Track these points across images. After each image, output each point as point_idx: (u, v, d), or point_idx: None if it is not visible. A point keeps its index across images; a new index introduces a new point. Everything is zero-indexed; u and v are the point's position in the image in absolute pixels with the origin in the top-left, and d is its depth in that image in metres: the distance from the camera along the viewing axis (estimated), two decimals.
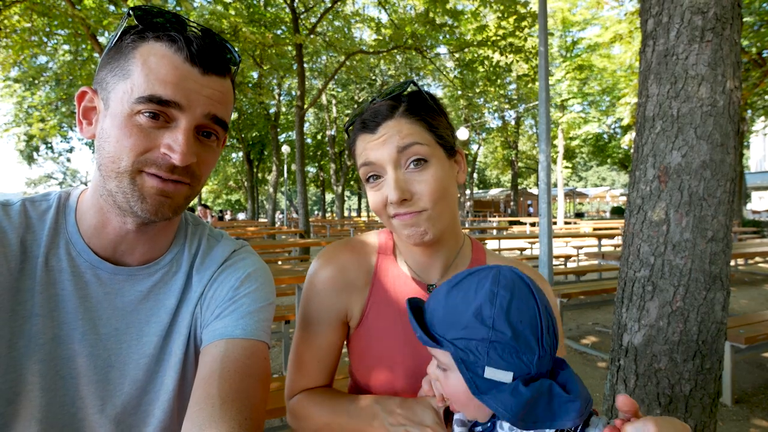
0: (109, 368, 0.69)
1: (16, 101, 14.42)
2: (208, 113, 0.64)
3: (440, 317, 0.60)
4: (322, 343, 0.83)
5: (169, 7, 9.85)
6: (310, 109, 17.14)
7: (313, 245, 8.30)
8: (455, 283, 0.61)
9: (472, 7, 11.55)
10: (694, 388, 1.66)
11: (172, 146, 0.61)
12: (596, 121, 19.35)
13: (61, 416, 0.66)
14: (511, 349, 0.55)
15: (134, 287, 0.71)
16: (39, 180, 44.36)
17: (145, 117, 0.60)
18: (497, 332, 0.54)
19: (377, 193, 0.75)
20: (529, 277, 0.61)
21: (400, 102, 0.75)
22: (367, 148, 0.75)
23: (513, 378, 0.55)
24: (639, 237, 1.78)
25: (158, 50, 0.61)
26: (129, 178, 0.62)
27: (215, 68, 0.64)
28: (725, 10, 1.60)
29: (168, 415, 0.72)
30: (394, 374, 0.79)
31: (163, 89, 0.60)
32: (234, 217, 30.97)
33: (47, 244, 0.67)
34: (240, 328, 0.69)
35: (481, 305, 0.56)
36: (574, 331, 4.58)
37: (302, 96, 10.71)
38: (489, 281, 0.58)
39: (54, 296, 0.66)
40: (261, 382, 0.66)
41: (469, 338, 0.55)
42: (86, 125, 0.66)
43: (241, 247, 0.82)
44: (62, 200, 0.71)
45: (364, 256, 0.86)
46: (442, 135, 0.76)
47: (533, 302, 0.58)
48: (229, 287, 0.74)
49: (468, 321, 0.56)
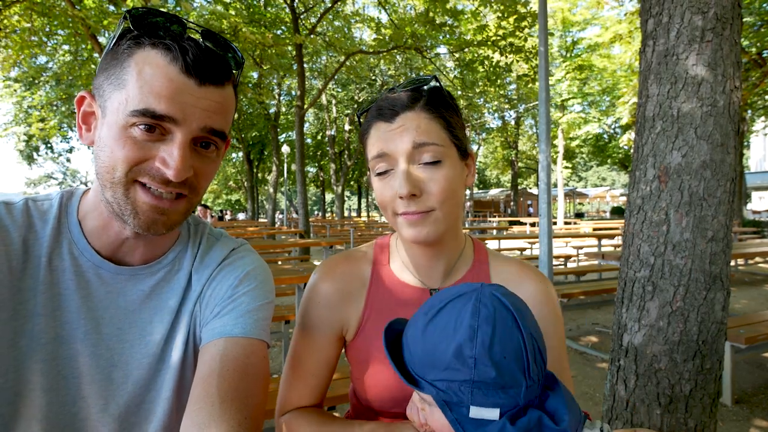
0: (112, 368, 0.69)
1: (16, 101, 14.42)
2: (205, 126, 0.62)
3: (419, 356, 0.55)
4: (317, 357, 0.82)
5: (169, 7, 9.86)
6: (310, 109, 17.14)
7: (313, 245, 8.30)
8: (433, 315, 0.56)
9: (472, 7, 11.53)
10: (694, 388, 1.66)
11: (167, 160, 0.60)
12: (596, 121, 19.35)
13: (62, 416, 0.66)
14: (496, 387, 0.51)
15: (136, 286, 0.71)
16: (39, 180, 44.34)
17: (140, 130, 0.59)
18: (480, 372, 0.51)
19: (386, 186, 0.73)
20: (514, 299, 0.57)
21: (421, 95, 0.73)
22: (381, 138, 0.72)
23: (500, 414, 0.51)
24: (639, 237, 1.78)
25: (153, 60, 0.59)
26: (123, 189, 0.61)
27: (212, 78, 0.62)
28: (725, 10, 1.60)
29: (168, 412, 0.72)
30: (394, 382, 0.78)
31: (157, 103, 0.58)
32: (234, 217, 30.97)
33: (50, 243, 0.67)
34: (239, 327, 0.68)
35: (461, 344, 0.51)
36: (574, 331, 4.58)
37: (302, 96, 10.71)
38: (468, 314, 0.53)
39: (56, 296, 0.66)
40: (260, 380, 0.66)
41: (451, 380, 0.52)
42: (85, 131, 0.66)
43: (240, 245, 0.82)
44: (65, 200, 0.71)
45: (360, 267, 0.85)
46: (458, 136, 0.74)
47: (517, 332, 0.53)
48: (228, 286, 0.73)
49: (449, 362, 0.52)
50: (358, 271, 0.85)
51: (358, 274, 0.84)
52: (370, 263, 0.86)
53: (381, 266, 0.85)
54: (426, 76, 0.75)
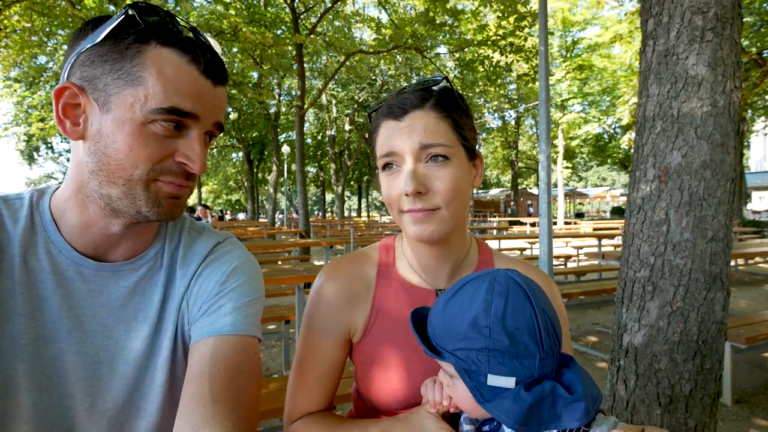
0: (98, 365, 0.68)
1: (16, 101, 14.43)
2: (216, 121, 0.67)
3: (440, 329, 0.61)
4: (325, 361, 0.81)
5: (169, 7, 9.86)
6: (310, 109, 17.14)
7: (313, 245, 8.30)
8: (452, 293, 0.62)
9: (472, 7, 11.53)
10: (695, 388, 1.66)
11: (191, 156, 0.64)
12: (596, 121, 19.35)
13: (50, 416, 0.65)
14: (510, 356, 0.55)
15: (119, 283, 0.70)
16: (39, 180, 44.34)
17: (162, 126, 0.61)
18: (494, 340, 0.55)
19: (393, 182, 0.73)
20: (528, 280, 0.61)
21: (431, 95, 0.74)
22: (390, 136, 0.73)
23: (516, 383, 0.55)
24: (639, 237, 1.78)
25: (172, 59, 0.61)
26: (143, 186, 0.62)
27: (222, 79, 0.66)
28: (725, 10, 1.60)
29: (160, 410, 0.72)
30: (401, 383, 0.78)
31: (183, 102, 0.61)
32: (234, 218, 30.99)
33: (23, 243, 0.65)
34: (228, 324, 0.68)
35: (476, 315, 0.57)
36: (574, 331, 4.58)
37: (302, 96, 10.71)
38: (483, 290, 0.58)
39: (35, 296, 0.65)
40: (253, 378, 0.66)
41: (469, 348, 0.56)
42: (71, 125, 0.62)
43: (225, 239, 0.81)
44: (35, 199, 0.69)
45: (365, 269, 0.85)
46: (467, 136, 0.75)
47: (529, 306, 0.58)
48: (215, 282, 0.72)
49: (465, 332, 0.57)
50: (363, 272, 0.84)
51: (363, 275, 0.84)
52: (376, 265, 0.86)
53: (386, 267, 0.85)
54: (437, 77, 0.75)
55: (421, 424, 0.68)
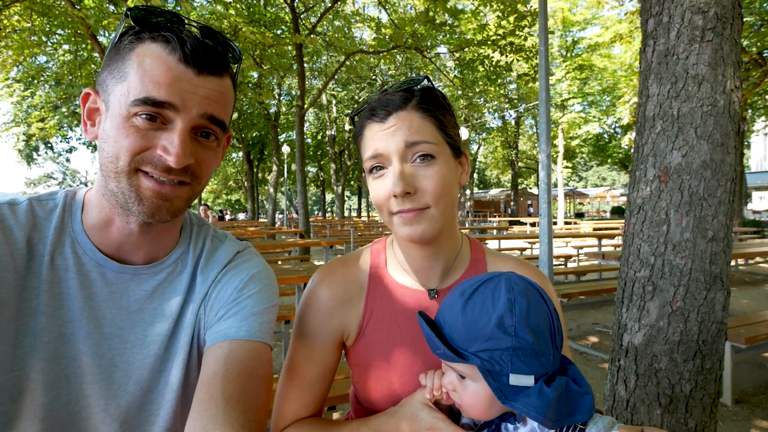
0: (113, 368, 0.69)
1: (16, 101, 14.41)
2: (204, 113, 0.64)
3: (460, 331, 0.61)
4: (318, 364, 0.81)
5: (169, 7, 9.85)
6: (310, 109, 17.12)
7: (313, 245, 8.30)
8: (468, 295, 0.62)
9: (472, 7, 11.52)
10: (695, 388, 1.66)
11: (168, 148, 0.62)
12: (596, 121, 19.34)
13: (64, 415, 0.66)
14: (531, 354, 0.57)
15: (139, 286, 0.71)
16: (39, 180, 44.33)
17: (142, 119, 0.61)
18: (520, 339, 0.57)
19: (381, 185, 0.73)
20: (534, 282, 0.64)
21: (413, 95, 0.73)
22: (375, 138, 0.72)
23: (535, 381, 0.57)
24: (639, 237, 1.78)
25: (153, 51, 0.61)
26: (126, 178, 0.62)
27: (210, 68, 0.64)
28: (725, 10, 1.60)
29: (172, 415, 0.72)
30: (396, 383, 0.78)
31: (156, 91, 0.60)
32: (234, 217, 30.97)
33: (53, 242, 0.67)
34: (244, 330, 0.69)
35: (502, 315, 0.58)
36: (574, 331, 4.58)
37: (302, 96, 10.69)
38: (503, 290, 0.60)
39: (59, 294, 0.66)
40: (264, 383, 0.67)
41: (494, 349, 0.57)
42: (90, 126, 0.67)
43: (245, 248, 0.82)
44: (68, 199, 0.71)
45: (358, 272, 0.85)
46: (451, 134, 0.75)
47: (544, 305, 0.61)
48: (233, 288, 0.74)
49: (491, 332, 0.58)
50: (355, 275, 0.84)
51: (355, 278, 0.84)
52: (368, 267, 0.85)
53: (378, 270, 0.85)
54: (418, 77, 0.75)
55: (416, 415, 0.68)
